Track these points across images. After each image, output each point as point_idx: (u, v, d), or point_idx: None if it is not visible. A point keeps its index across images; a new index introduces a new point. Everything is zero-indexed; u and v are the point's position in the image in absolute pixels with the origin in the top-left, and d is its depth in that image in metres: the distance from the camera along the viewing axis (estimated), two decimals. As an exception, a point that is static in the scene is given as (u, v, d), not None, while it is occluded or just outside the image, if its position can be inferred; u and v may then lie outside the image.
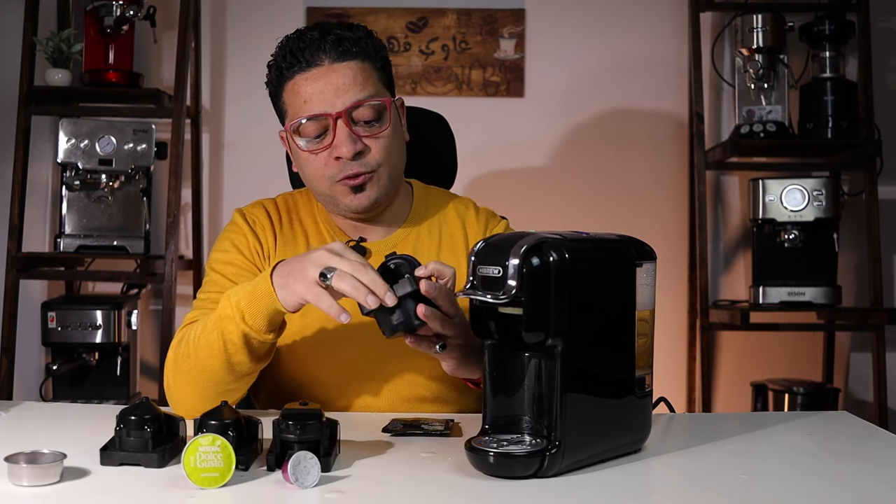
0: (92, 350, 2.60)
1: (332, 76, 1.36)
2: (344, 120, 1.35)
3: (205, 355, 1.26)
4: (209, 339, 1.25)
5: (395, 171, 1.44)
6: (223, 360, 1.25)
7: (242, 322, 1.21)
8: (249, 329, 1.21)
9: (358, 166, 1.37)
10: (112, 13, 2.62)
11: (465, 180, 2.85)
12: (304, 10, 2.94)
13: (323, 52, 1.36)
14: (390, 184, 1.43)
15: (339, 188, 1.39)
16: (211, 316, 1.28)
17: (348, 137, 1.35)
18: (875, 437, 1.27)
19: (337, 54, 1.36)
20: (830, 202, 2.66)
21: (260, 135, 2.93)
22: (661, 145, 2.99)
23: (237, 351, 1.23)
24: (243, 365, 1.25)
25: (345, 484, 1.00)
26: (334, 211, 1.46)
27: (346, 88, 1.35)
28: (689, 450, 1.17)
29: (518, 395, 1.07)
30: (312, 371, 1.43)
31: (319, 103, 1.35)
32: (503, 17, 2.98)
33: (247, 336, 1.22)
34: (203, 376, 1.27)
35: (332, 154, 1.36)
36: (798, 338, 2.95)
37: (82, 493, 0.96)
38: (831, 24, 2.70)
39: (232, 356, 1.24)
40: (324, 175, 1.39)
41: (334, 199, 1.41)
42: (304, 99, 1.37)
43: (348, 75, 1.36)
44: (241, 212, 1.50)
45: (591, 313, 1.05)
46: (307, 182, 1.44)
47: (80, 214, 2.66)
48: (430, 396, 1.43)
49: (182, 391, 1.31)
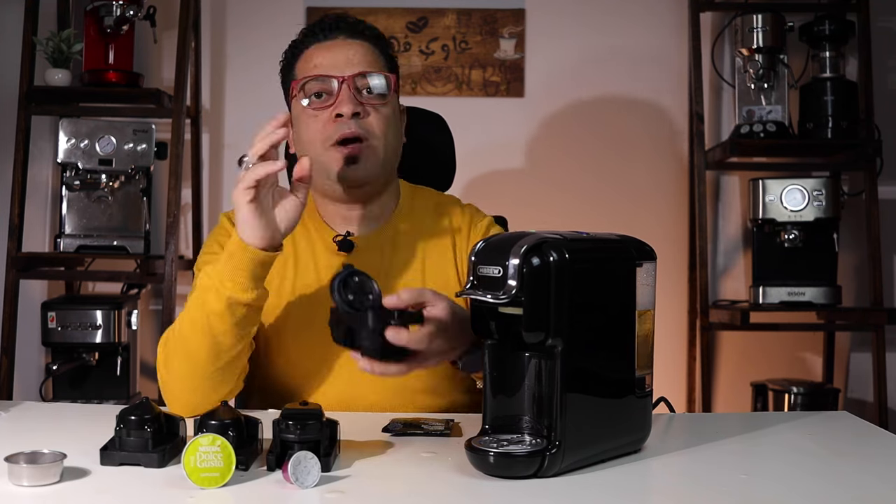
0: (92, 350, 2.59)
1: (345, 48, 1.45)
2: (349, 83, 1.40)
3: (189, 335, 1.27)
4: (192, 318, 1.26)
5: (390, 154, 1.46)
6: (208, 337, 1.25)
7: (222, 286, 1.23)
8: (231, 290, 1.22)
9: (356, 127, 1.40)
10: (112, 13, 2.62)
11: (464, 180, 2.85)
12: (304, 10, 2.94)
13: (339, 29, 1.47)
14: (383, 164, 1.45)
15: (332, 154, 1.41)
16: (190, 298, 1.29)
17: (350, 98, 1.40)
18: (875, 437, 1.27)
19: (352, 32, 1.47)
20: (830, 202, 2.66)
21: (260, 135, 2.93)
22: (661, 145, 2.99)
23: (220, 320, 1.24)
24: (227, 336, 1.25)
25: (345, 484, 1.00)
26: (325, 186, 1.46)
27: (357, 60, 1.44)
28: (689, 450, 1.17)
29: (518, 395, 1.07)
30: (298, 365, 1.43)
31: (330, 68, 1.43)
32: (503, 17, 2.98)
33: (229, 300, 1.23)
34: (190, 361, 1.28)
35: (333, 112, 1.40)
36: (798, 338, 2.95)
37: (82, 493, 0.96)
38: (831, 24, 2.70)
39: (215, 327, 1.24)
40: (321, 137, 1.41)
41: (327, 167, 1.42)
42: (314, 63, 1.44)
43: (359, 51, 1.45)
44: (226, 215, 1.52)
45: (591, 313, 1.05)
46: (302, 149, 1.46)
47: (80, 214, 2.66)
48: (420, 387, 1.43)
49: (175, 386, 1.31)
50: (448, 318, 1.17)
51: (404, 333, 1.11)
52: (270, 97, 2.90)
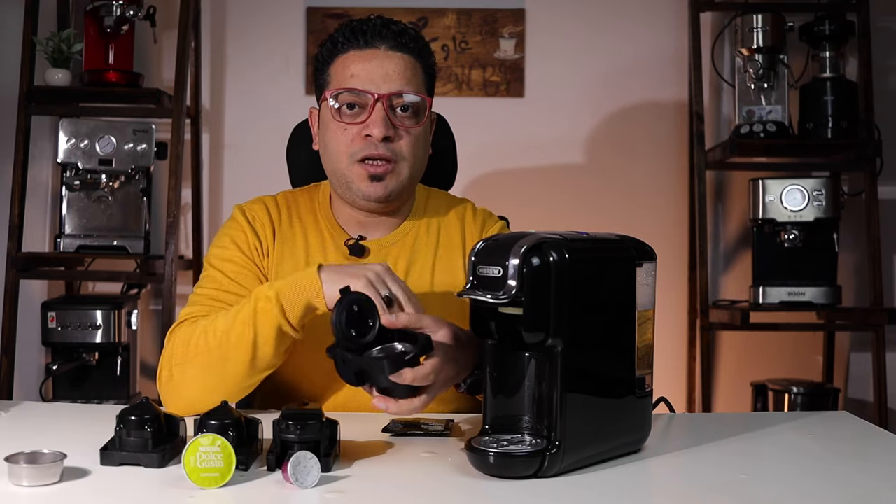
0: (92, 350, 2.59)
1: (384, 61, 1.40)
2: (384, 103, 1.38)
3: (229, 349, 1.26)
4: (238, 332, 1.26)
5: (415, 173, 1.46)
6: (249, 354, 1.26)
7: (281, 314, 1.23)
8: (285, 321, 1.23)
9: (384, 149, 1.39)
10: (112, 13, 2.62)
11: (465, 180, 2.85)
12: (304, 10, 2.94)
13: (382, 37, 1.41)
14: (408, 182, 1.44)
15: (357, 170, 1.41)
16: (231, 312, 1.29)
17: (383, 120, 1.38)
18: (875, 437, 1.27)
19: (394, 44, 1.41)
20: (830, 202, 2.66)
21: (260, 135, 2.93)
22: (661, 145, 2.99)
23: (265, 343, 1.25)
24: (267, 359, 1.27)
25: (345, 484, 1.00)
26: (346, 196, 1.46)
27: (395, 76, 1.39)
28: (689, 450, 1.18)
29: (518, 395, 1.07)
30: (307, 370, 1.43)
31: (365, 81, 1.39)
32: (503, 17, 2.98)
33: (280, 329, 1.24)
34: (220, 370, 1.27)
35: (363, 131, 1.39)
36: (798, 338, 2.95)
37: (82, 493, 0.96)
38: (831, 24, 2.70)
39: (259, 348, 1.25)
40: (347, 151, 1.41)
41: (349, 181, 1.42)
42: (352, 73, 1.40)
43: (399, 65, 1.41)
44: (240, 208, 1.51)
45: (591, 313, 1.05)
46: (328, 158, 1.45)
47: (80, 214, 2.66)
48: None
49: (190, 386, 1.30)
50: (453, 344, 1.17)
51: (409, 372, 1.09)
52: (270, 97, 2.93)
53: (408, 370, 1.09)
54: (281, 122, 2.33)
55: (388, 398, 1.11)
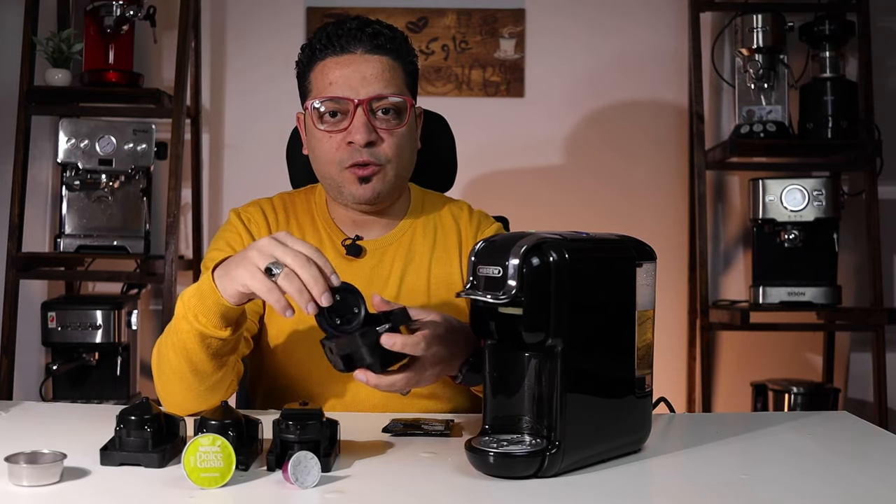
0: (92, 350, 2.59)
1: (361, 65, 1.40)
2: (364, 108, 1.38)
3: (171, 356, 1.24)
4: (172, 341, 1.24)
5: (403, 172, 1.46)
6: (186, 361, 1.23)
7: (195, 320, 1.18)
8: (202, 327, 1.18)
9: (368, 155, 1.40)
10: (112, 13, 2.62)
11: (465, 180, 2.85)
12: (304, 10, 2.94)
13: (358, 41, 1.41)
14: (396, 181, 1.45)
15: (346, 175, 1.41)
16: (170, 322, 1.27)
17: (365, 125, 1.38)
18: (875, 437, 1.27)
19: (371, 46, 1.41)
20: (830, 202, 2.66)
21: (260, 135, 2.93)
22: (662, 145, 2.99)
23: (196, 350, 1.21)
24: (204, 363, 1.23)
25: (345, 484, 1.00)
26: (338, 199, 1.48)
27: (373, 80, 1.39)
28: (689, 450, 1.17)
29: (518, 395, 1.07)
30: (306, 368, 1.43)
31: (344, 88, 1.39)
32: (503, 17, 2.98)
33: (202, 334, 1.19)
34: (176, 376, 1.26)
35: (346, 139, 1.40)
36: (798, 338, 2.95)
37: (82, 493, 0.96)
38: (831, 24, 2.70)
39: (192, 355, 1.22)
40: (334, 159, 1.41)
41: (340, 185, 1.43)
42: (330, 81, 1.40)
43: (377, 68, 1.40)
44: (236, 211, 1.51)
45: (591, 313, 1.05)
46: (317, 164, 1.46)
47: (80, 214, 2.66)
48: (424, 392, 1.43)
49: (167, 391, 1.31)
50: (441, 321, 1.18)
51: (399, 337, 1.10)
52: (270, 97, 2.93)
53: (398, 336, 1.09)
54: (281, 122, 2.33)
55: (369, 371, 1.11)
